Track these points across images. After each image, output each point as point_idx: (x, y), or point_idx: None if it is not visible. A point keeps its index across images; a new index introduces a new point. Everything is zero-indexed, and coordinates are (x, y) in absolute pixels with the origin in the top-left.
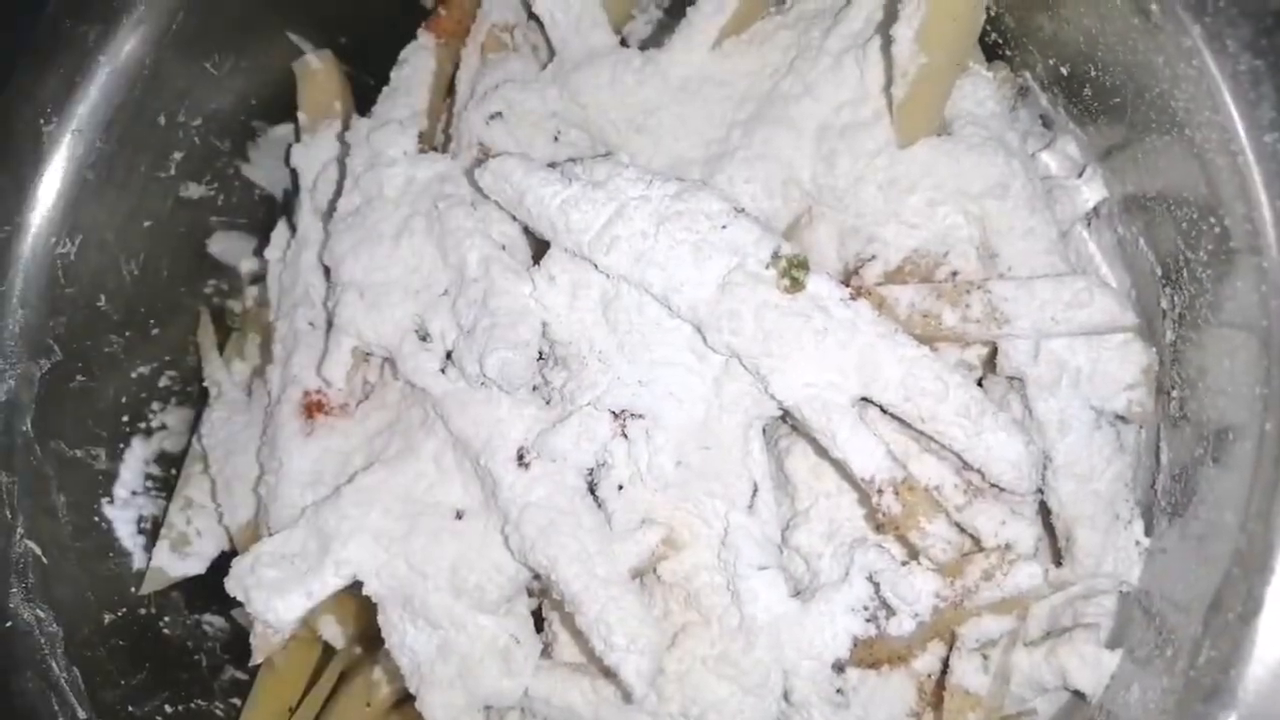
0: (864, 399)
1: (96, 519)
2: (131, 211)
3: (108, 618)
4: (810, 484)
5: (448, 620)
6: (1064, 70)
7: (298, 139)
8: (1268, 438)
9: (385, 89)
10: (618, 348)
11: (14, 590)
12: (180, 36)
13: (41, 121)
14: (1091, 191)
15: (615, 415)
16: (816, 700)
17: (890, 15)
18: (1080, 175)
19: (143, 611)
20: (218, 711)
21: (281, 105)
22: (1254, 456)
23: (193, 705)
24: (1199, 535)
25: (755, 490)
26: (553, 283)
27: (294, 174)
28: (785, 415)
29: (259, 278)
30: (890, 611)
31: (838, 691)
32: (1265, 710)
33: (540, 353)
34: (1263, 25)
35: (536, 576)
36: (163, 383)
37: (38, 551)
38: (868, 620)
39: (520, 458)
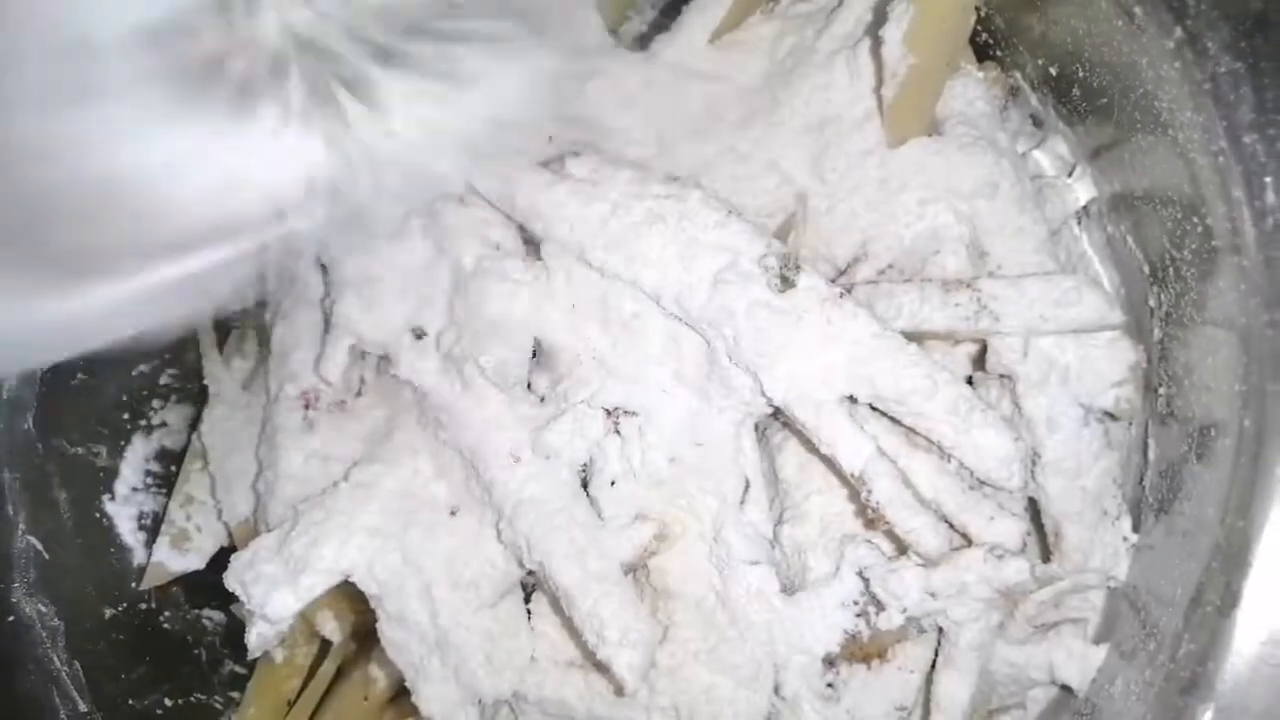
0: (853, 396)
1: (97, 515)
2: None
3: (108, 612)
4: (801, 480)
5: (442, 615)
6: (1053, 71)
7: None
8: (1246, 434)
9: None
10: (610, 345)
11: (16, 585)
12: None
13: None
14: (1082, 190)
15: (608, 412)
16: (807, 694)
17: (880, 17)
18: (1070, 174)
19: (143, 606)
20: (217, 704)
21: None
22: (1234, 453)
23: (193, 699)
24: (1184, 531)
25: (747, 486)
26: (546, 281)
27: None
28: (777, 412)
29: None
30: (880, 606)
31: (828, 685)
32: (1242, 703)
33: (534, 351)
34: (1242, 28)
35: (530, 572)
36: (163, 380)
37: (39, 547)
38: (858, 615)
39: (514, 455)
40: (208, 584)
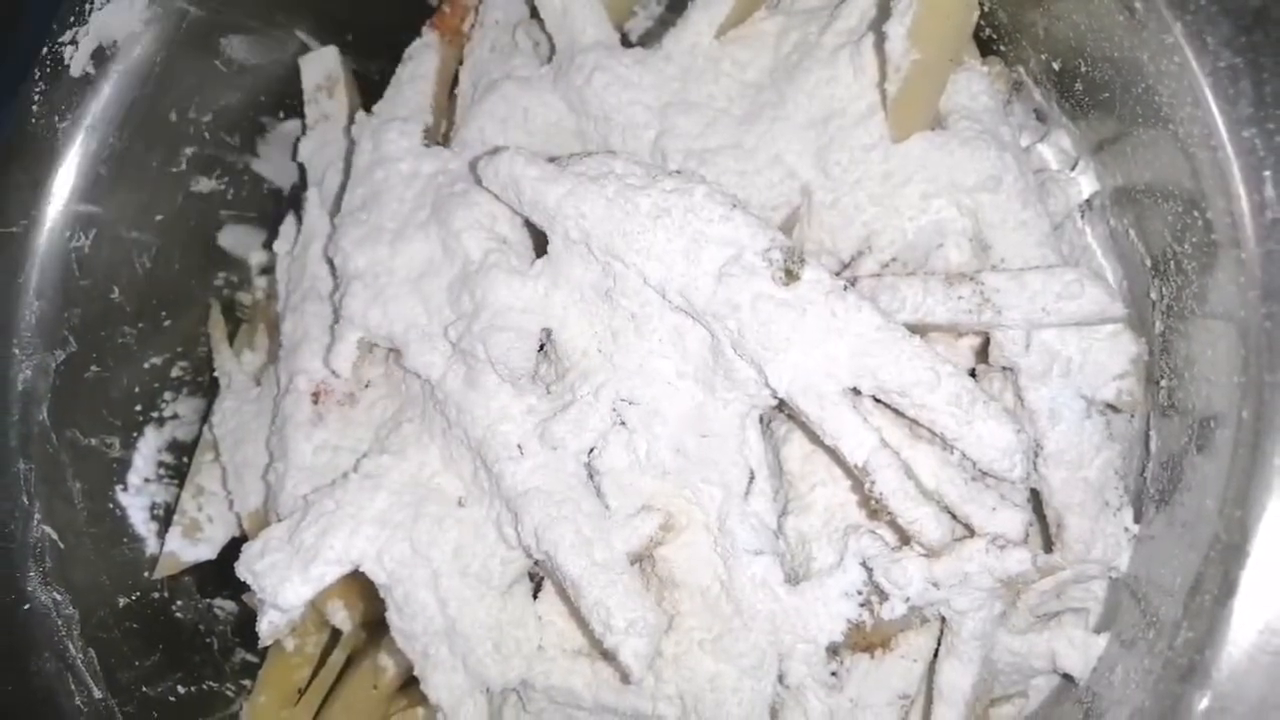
0: (857, 388)
1: (111, 505)
2: (144, 205)
3: (122, 601)
4: (806, 472)
5: (451, 604)
6: (1056, 65)
7: (304, 134)
8: (1245, 426)
9: (390, 85)
10: (616, 338)
11: (32, 574)
12: (190, 35)
13: (56, 119)
14: (1085, 184)
15: (614, 404)
16: (811, 683)
17: (883, 12)
18: (1073, 168)
19: (156, 595)
20: (229, 692)
21: (289, 101)
22: (1232, 444)
23: (204, 686)
24: (1184, 522)
25: (752, 478)
26: (553, 274)
27: (301, 168)
28: (781, 404)
29: (268, 270)
30: (883, 596)
31: (832, 674)
32: (1238, 691)
33: (541, 343)
34: (1242, 23)
35: (537, 561)
36: (175, 373)
37: (54, 536)
38: (861, 605)
39: (521, 446)
40: (219, 573)
